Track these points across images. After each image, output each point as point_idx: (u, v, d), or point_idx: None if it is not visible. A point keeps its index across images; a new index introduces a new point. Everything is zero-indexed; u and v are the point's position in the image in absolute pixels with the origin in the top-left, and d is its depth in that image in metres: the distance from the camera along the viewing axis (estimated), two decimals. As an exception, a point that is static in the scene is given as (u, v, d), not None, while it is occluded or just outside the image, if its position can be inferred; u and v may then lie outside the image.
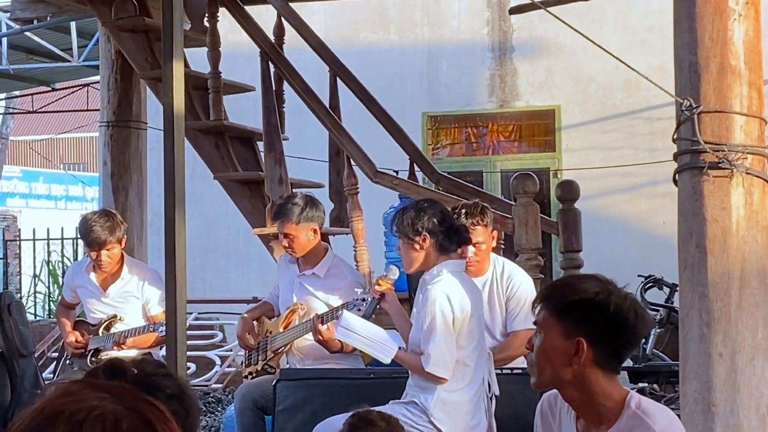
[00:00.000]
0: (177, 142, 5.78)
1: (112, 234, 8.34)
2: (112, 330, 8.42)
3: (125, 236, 8.57)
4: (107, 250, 8.35)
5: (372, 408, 4.89)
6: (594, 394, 3.77)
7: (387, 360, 6.80)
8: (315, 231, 7.88)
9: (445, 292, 6.50)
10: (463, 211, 7.35)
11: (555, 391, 3.89)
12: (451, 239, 6.64)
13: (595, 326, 3.76)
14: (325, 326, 7.41)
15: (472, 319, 6.61)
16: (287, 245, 7.86)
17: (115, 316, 8.47)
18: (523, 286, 7.56)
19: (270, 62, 9.82)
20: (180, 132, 5.81)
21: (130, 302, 8.48)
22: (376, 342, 6.82)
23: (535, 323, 3.88)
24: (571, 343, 3.75)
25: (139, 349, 8.12)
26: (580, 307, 3.78)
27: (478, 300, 6.75)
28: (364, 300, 7.23)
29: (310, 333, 7.66)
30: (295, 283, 7.94)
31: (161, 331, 7.73)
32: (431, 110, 15.91)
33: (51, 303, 18.41)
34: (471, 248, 7.22)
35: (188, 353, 7.81)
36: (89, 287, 8.56)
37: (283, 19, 10.22)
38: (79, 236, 8.99)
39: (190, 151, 8.66)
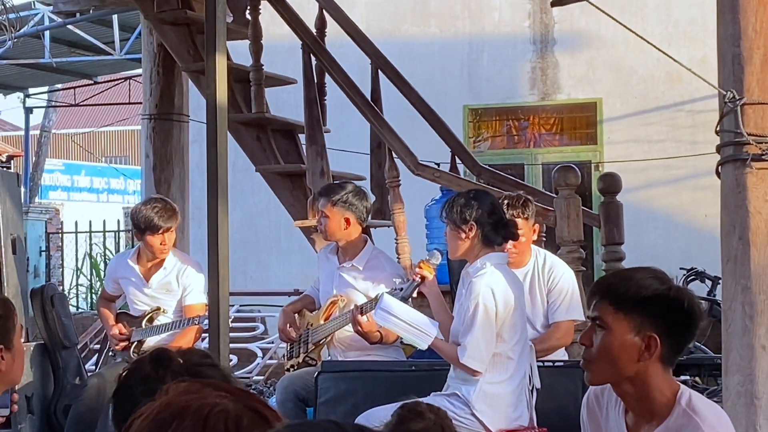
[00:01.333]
0: (219, 134, 5.79)
1: (170, 221, 8.36)
2: (155, 322, 8.43)
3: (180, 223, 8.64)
4: (167, 233, 8.35)
5: (418, 399, 4.88)
6: (650, 389, 3.76)
7: (424, 346, 6.78)
8: (348, 220, 7.79)
9: (490, 285, 6.50)
10: (506, 202, 7.34)
11: (605, 386, 3.88)
12: (498, 232, 6.63)
13: (668, 321, 3.75)
14: (364, 317, 7.38)
15: (516, 312, 6.60)
16: (318, 224, 7.86)
17: (158, 308, 8.46)
18: (564, 277, 7.55)
19: (312, 55, 9.82)
20: (222, 124, 5.82)
21: (172, 293, 8.48)
22: (415, 327, 6.78)
23: (593, 319, 3.85)
24: (641, 339, 3.73)
25: (174, 346, 8.11)
26: (652, 302, 3.75)
27: (521, 293, 6.74)
28: (398, 292, 7.23)
29: (351, 324, 7.67)
30: (335, 275, 7.93)
31: (205, 324, 7.72)
32: (472, 103, 15.90)
33: (93, 295, 18.48)
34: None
35: (230, 345, 7.83)
36: (132, 278, 8.56)
37: (324, 11, 10.23)
38: (126, 227, 9.01)
39: (232, 144, 8.65)
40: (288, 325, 8.06)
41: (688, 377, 8.02)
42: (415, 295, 7.26)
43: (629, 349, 3.73)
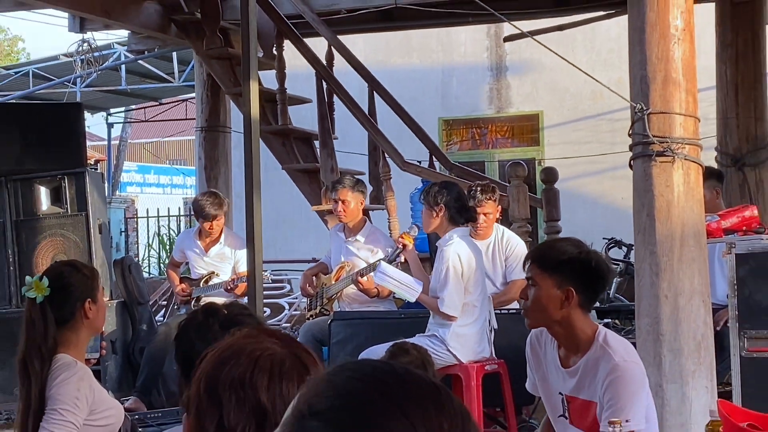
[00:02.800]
0: (254, 141, 5.79)
1: (220, 208, 8.41)
2: (210, 283, 8.47)
3: (227, 210, 8.67)
4: (216, 221, 8.40)
5: (406, 340, 4.90)
6: (574, 330, 3.75)
7: (412, 299, 6.90)
8: (361, 203, 7.94)
9: (457, 251, 6.53)
10: (479, 188, 7.41)
11: (541, 328, 3.88)
12: (462, 214, 6.68)
13: (581, 277, 3.74)
14: (364, 278, 7.46)
15: (477, 271, 6.63)
16: (339, 210, 7.86)
17: (212, 272, 8.51)
18: (518, 246, 7.57)
19: (323, 80, 9.81)
20: (256, 134, 5.82)
21: (225, 262, 8.53)
22: (404, 285, 6.88)
23: (528, 278, 3.86)
24: (562, 292, 3.73)
25: (237, 295, 8.13)
26: (568, 263, 3.75)
27: (480, 257, 6.78)
28: (388, 258, 7.31)
29: (354, 284, 7.69)
30: (342, 247, 7.96)
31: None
32: (445, 116, 15.88)
33: (161, 265, 18.46)
34: (481, 216, 7.27)
35: (264, 300, 7.85)
36: (195, 249, 8.61)
37: (332, 47, 10.21)
38: (185, 213, 9.03)
39: (264, 149, 8.66)
40: (308, 285, 8.09)
41: (609, 320, 8.02)
42: (403, 260, 7.29)
43: (553, 300, 3.73)
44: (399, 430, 1.19)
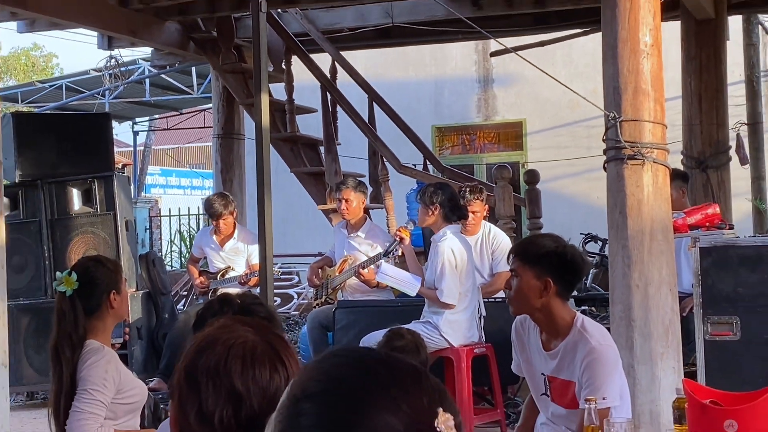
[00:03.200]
0: (264, 147, 5.78)
1: (226, 208, 8.40)
2: (227, 276, 8.46)
3: (235, 210, 8.63)
4: (223, 219, 8.40)
5: (401, 326, 4.90)
6: (554, 316, 3.75)
7: (413, 294, 6.90)
8: (363, 202, 7.95)
9: (450, 246, 6.55)
10: (468, 189, 7.43)
11: (525, 315, 3.88)
12: (454, 212, 6.69)
13: (557, 270, 3.73)
14: (366, 270, 7.46)
15: (468, 264, 6.64)
16: (343, 208, 7.86)
17: (229, 267, 8.51)
18: (503, 242, 7.57)
19: (327, 92, 9.81)
20: (266, 141, 5.81)
21: (239, 256, 8.52)
22: (404, 281, 6.89)
23: (512, 270, 3.86)
24: (541, 282, 3.72)
25: (250, 286, 8.14)
26: (547, 256, 3.74)
27: (470, 252, 6.81)
28: (387, 250, 7.32)
29: (355, 275, 7.69)
30: (345, 242, 7.95)
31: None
32: (438, 123, 15.86)
33: (182, 259, 18.45)
34: (470, 214, 7.28)
35: (275, 291, 7.84)
36: (212, 245, 8.61)
37: (335, 62, 10.21)
38: (203, 212, 9.03)
39: (274, 154, 8.65)
40: (314, 277, 8.09)
41: (586, 308, 8.01)
42: (400, 252, 7.29)
43: (533, 289, 3.72)
44: (384, 406, 1.20)
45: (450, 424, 1.22)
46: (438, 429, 1.21)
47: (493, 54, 12.32)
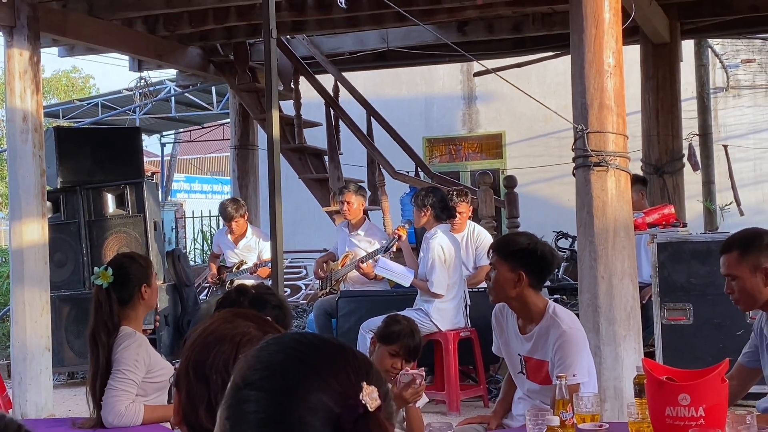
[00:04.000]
0: (275, 157, 5.77)
1: (237, 211, 8.40)
2: (241, 269, 8.46)
3: (246, 212, 8.62)
4: (235, 221, 8.40)
5: (397, 312, 4.90)
6: (528, 304, 3.74)
7: (406, 284, 6.90)
8: (362, 204, 7.94)
9: (440, 243, 6.55)
10: (455, 192, 7.43)
11: (503, 303, 3.87)
12: (444, 213, 6.71)
13: (529, 263, 3.72)
14: (364, 264, 7.46)
15: (455, 259, 6.65)
16: (345, 209, 7.85)
17: (242, 262, 8.51)
18: (486, 239, 7.58)
19: (331, 108, 9.81)
20: (277, 151, 5.80)
21: (251, 252, 8.52)
22: (399, 274, 6.90)
23: (490, 264, 3.85)
24: (515, 275, 3.71)
25: (262, 275, 8.14)
26: (520, 252, 3.74)
27: (458, 248, 6.81)
28: (385, 246, 7.34)
29: (356, 269, 7.69)
30: (346, 240, 7.95)
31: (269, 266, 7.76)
32: (428, 135, 15.87)
33: (204, 255, 18.43)
34: (458, 215, 7.29)
35: (285, 282, 7.84)
36: (227, 243, 8.61)
37: (338, 82, 10.21)
38: (219, 214, 9.04)
39: (284, 162, 8.65)
40: (319, 270, 8.08)
41: (558, 296, 8.00)
42: (394, 249, 7.30)
43: (508, 281, 3.70)
44: (316, 386, 1.19)
45: (374, 396, 1.21)
46: (363, 401, 1.19)
47: (476, 74, 12.34)
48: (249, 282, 6.57)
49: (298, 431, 1.16)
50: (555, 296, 7.95)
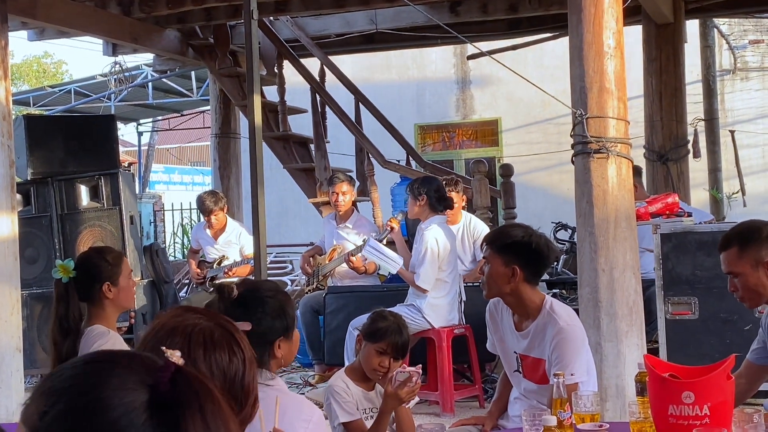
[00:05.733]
0: (258, 145, 5.76)
1: (216, 204, 8.37)
2: (222, 264, 8.44)
3: (225, 206, 8.58)
4: (214, 215, 8.37)
5: (385, 308, 4.90)
6: (524, 300, 3.74)
7: (393, 271, 6.99)
8: (353, 195, 7.96)
9: (435, 236, 6.56)
10: (444, 181, 7.40)
11: (497, 298, 3.87)
12: (440, 203, 6.71)
13: (524, 257, 3.72)
14: (354, 257, 7.46)
15: (450, 253, 6.65)
16: (336, 200, 7.85)
17: (223, 257, 8.48)
18: (484, 231, 7.58)
19: (317, 93, 9.79)
20: (259, 139, 5.80)
21: (231, 247, 8.49)
22: (388, 258, 6.91)
23: (483, 257, 3.85)
24: (509, 269, 3.71)
25: (239, 276, 8.13)
26: (514, 245, 3.73)
27: (454, 241, 6.81)
28: (376, 239, 7.33)
29: (345, 263, 7.68)
30: (334, 233, 7.95)
31: (252, 264, 7.74)
32: (420, 122, 15.86)
33: (184, 250, 18.41)
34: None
35: (269, 278, 7.82)
36: (206, 238, 8.57)
37: (324, 66, 10.19)
38: (197, 207, 9.01)
39: (268, 151, 8.64)
40: (306, 265, 8.07)
41: (557, 291, 8.02)
42: (384, 242, 7.31)
43: (502, 275, 3.71)
44: (117, 387, 1.16)
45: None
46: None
47: (470, 57, 12.32)
48: (232, 280, 6.55)
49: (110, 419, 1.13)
50: (554, 290, 7.96)
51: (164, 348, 1.28)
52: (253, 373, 1.85)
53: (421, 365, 3.81)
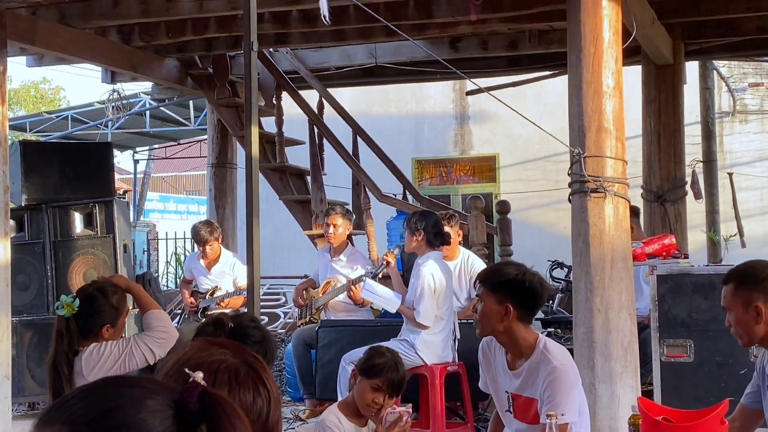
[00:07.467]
0: (254, 176, 5.76)
1: (211, 235, 8.34)
2: (215, 295, 8.41)
3: (220, 236, 8.56)
4: (209, 245, 8.34)
5: (381, 344, 4.90)
6: (517, 338, 3.74)
7: (392, 310, 6.92)
8: (348, 228, 7.94)
9: (431, 271, 6.55)
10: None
11: (490, 336, 3.87)
12: (437, 239, 6.71)
13: (517, 295, 3.72)
14: (355, 286, 7.41)
15: (446, 290, 6.64)
16: (329, 232, 7.83)
17: (216, 287, 8.45)
18: (481, 268, 7.54)
19: (315, 125, 9.82)
20: (256, 170, 5.79)
21: (225, 278, 8.45)
22: (386, 298, 6.89)
23: (477, 295, 3.86)
24: (502, 308, 3.71)
25: (232, 307, 8.11)
26: (507, 283, 3.74)
27: (450, 278, 6.80)
28: (371, 272, 7.32)
29: (339, 295, 7.67)
30: (328, 266, 7.94)
31: (245, 295, 7.72)
32: (417, 156, 15.90)
33: (177, 280, 18.38)
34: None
35: (262, 310, 7.81)
36: (199, 268, 8.55)
37: (323, 98, 10.23)
38: (191, 237, 9.00)
39: (264, 182, 8.65)
40: (299, 297, 8.06)
41: (552, 330, 8.00)
42: (380, 275, 7.30)
43: (495, 314, 3.71)
44: (143, 399, 1.18)
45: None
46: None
47: (469, 93, 12.39)
48: (225, 311, 6.54)
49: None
50: (549, 329, 7.95)
51: (187, 370, 1.29)
52: (278, 413, 1.81)
53: (411, 404, 3.80)
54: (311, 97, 10.20)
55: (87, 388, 1.22)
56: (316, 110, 10.02)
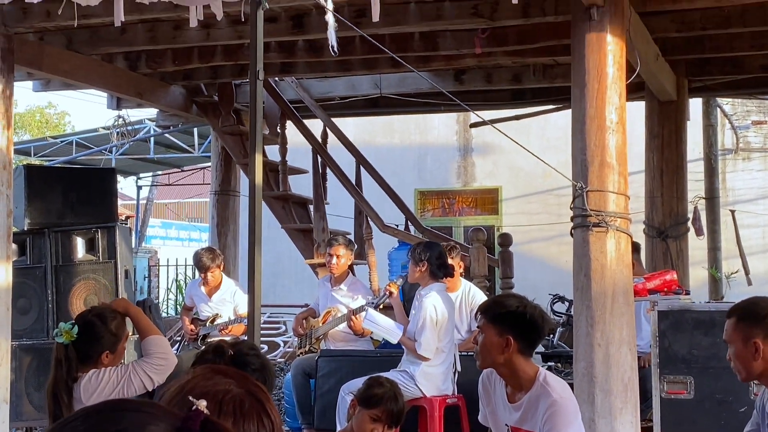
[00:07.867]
0: (257, 204, 5.77)
1: (213, 262, 8.34)
2: (216, 323, 8.40)
3: (222, 263, 8.56)
4: (211, 272, 8.34)
5: (380, 374, 4.89)
6: (517, 371, 3.73)
7: (394, 341, 6.93)
8: (350, 259, 7.93)
9: (433, 303, 6.55)
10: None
11: (491, 369, 3.86)
12: (441, 270, 6.72)
13: (517, 328, 3.72)
14: (356, 316, 7.40)
15: (448, 322, 6.64)
16: (332, 263, 7.82)
17: (216, 315, 8.44)
18: (482, 301, 7.55)
19: (318, 155, 9.85)
20: (259, 198, 5.80)
21: (225, 305, 8.44)
22: (388, 329, 6.89)
23: (478, 327, 3.85)
24: (503, 340, 3.71)
25: (233, 335, 8.09)
26: (508, 315, 3.73)
27: (452, 310, 6.80)
28: (373, 302, 7.32)
29: (339, 325, 7.66)
30: (328, 295, 7.94)
31: (245, 323, 7.71)
32: (420, 187, 15.93)
33: (177, 306, 18.36)
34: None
35: (262, 338, 7.78)
36: (200, 295, 8.54)
37: (327, 128, 10.26)
38: (193, 263, 8.99)
39: (267, 210, 8.66)
40: (299, 327, 8.04)
41: (552, 364, 7.99)
42: (384, 305, 7.31)
43: (495, 346, 3.70)
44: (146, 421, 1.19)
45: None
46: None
47: (473, 125, 12.44)
48: (225, 339, 6.53)
49: None
50: (549, 363, 7.93)
51: (191, 398, 1.30)
52: None
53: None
54: (315, 126, 10.24)
55: (89, 411, 1.22)
56: (320, 139, 10.05)
